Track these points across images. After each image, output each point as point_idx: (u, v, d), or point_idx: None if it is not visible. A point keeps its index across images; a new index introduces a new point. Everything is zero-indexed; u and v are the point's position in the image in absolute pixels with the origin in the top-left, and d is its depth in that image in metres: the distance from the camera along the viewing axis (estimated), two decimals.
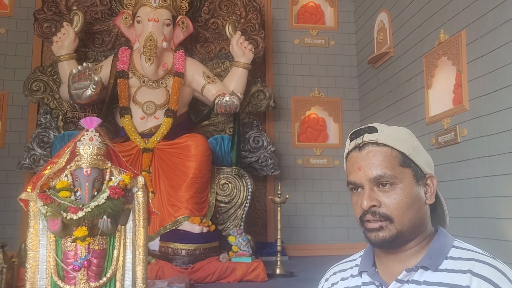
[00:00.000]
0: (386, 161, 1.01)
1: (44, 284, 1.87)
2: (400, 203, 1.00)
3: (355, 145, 1.06)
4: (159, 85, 4.40)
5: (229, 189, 4.24)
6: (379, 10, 5.08)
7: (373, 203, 1.00)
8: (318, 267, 4.31)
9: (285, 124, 5.50)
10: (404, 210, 0.99)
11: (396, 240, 1.00)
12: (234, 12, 5.02)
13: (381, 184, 1.01)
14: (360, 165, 1.03)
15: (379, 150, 1.02)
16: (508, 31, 3.07)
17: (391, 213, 0.99)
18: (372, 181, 1.01)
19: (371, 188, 1.01)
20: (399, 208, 0.99)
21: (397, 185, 1.00)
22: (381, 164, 1.01)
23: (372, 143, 1.03)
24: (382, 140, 1.03)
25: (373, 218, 1.00)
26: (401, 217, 0.99)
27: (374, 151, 1.02)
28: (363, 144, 1.04)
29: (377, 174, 1.01)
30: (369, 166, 1.01)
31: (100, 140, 1.91)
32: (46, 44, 5.03)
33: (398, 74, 4.64)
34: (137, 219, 1.97)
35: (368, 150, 1.03)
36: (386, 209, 1.00)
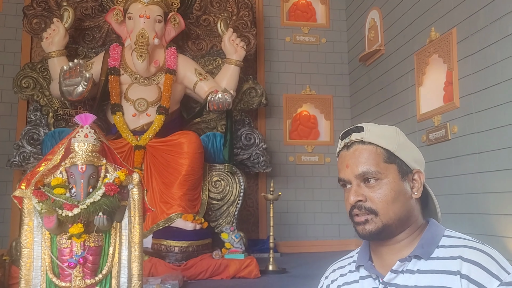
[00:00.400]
0: (370, 158, 1.07)
1: (39, 282, 1.86)
2: (385, 197, 1.05)
3: (344, 144, 1.13)
4: (150, 82, 4.39)
5: (221, 186, 4.24)
6: (370, 8, 5.11)
7: (359, 198, 1.06)
8: (310, 263, 4.34)
9: (277, 121, 5.51)
10: (388, 204, 1.05)
11: (382, 232, 1.05)
12: (225, 9, 5.01)
13: (367, 180, 1.06)
14: (348, 162, 1.09)
15: (364, 148, 1.08)
16: (498, 29, 3.11)
17: (376, 207, 1.05)
18: (358, 177, 1.07)
19: (358, 184, 1.07)
20: (384, 202, 1.05)
21: (382, 180, 1.06)
22: (366, 161, 1.07)
23: (359, 142, 1.09)
24: (367, 138, 1.09)
25: (360, 212, 1.06)
26: (385, 210, 1.04)
27: (360, 149, 1.09)
28: (351, 143, 1.10)
29: (362, 170, 1.06)
30: (355, 164, 1.07)
31: (95, 137, 1.91)
32: (35, 41, 4.97)
33: (389, 72, 4.67)
34: (133, 216, 1.97)
35: (354, 149, 1.09)
36: (372, 204, 1.05)
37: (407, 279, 1.03)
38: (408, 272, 1.03)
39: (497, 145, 3.09)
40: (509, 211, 2.96)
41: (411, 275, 1.03)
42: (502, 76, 3.06)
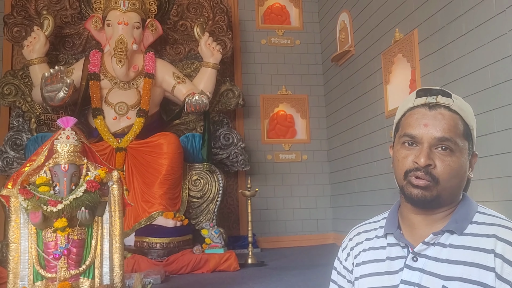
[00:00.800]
0: (454, 127, 1.04)
1: (27, 274, 2.01)
2: (452, 170, 1.03)
3: (424, 102, 1.07)
4: (130, 86, 4.53)
5: (201, 185, 4.41)
6: (340, 11, 5.33)
7: (430, 162, 1.02)
8: (288, 256, 4.53)
9: (255, 121, 5.69)
10: (451, 177, 1.03)
11: (433, 201, 1.04)
12: (202, 14, 5.18)
13: (441, 147, 1.03)
14: (428, 122, 1.04)
15: (450, 115, 1.05)
16: (454, 29, 3.34)
17: (440, 177, 1.02)
18: (435, 141, 1.03)
19: (430, 148, 1.03)
20: (448, 174, 1.03)
21: (455, 152, 1.03)
22: (450, 129, 1.03)
23: (445, 107, 1.06)
24: (455, 107, 1.06)
25: (424, 176, 1.03)
26: (446, 182, 1.03)
27: (445, 115, 1.05)
28: (435, 104, 1.06)
29: (443, 136, 1.03)
30: (438, 127, 1.03)
31: (76, 138, 2.07)
32: (16, 48, 5.07)
33: (359, 71, 4.89)
34: (113, 211, 2.13)
35: (439, 111, 1.05)
36: (437, 172, 1.02)
37: (438, 252, 1.03)
38: (440, 245, 1.03)
39: None
40: None
41: (443, 248, 1.02)
42: (459, 73, 3.29)
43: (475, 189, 3.09)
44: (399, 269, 1.07)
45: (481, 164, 3.04)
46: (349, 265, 1.19)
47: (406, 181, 1.06)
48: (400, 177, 1.08)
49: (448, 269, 1.00)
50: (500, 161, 2.89)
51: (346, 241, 1.24)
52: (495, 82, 2.93)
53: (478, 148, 3.06)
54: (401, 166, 1.07)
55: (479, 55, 3.07)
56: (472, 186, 3.18)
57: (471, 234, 1.02)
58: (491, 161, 2.95)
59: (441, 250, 1.02)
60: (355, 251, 1.19)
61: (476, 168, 3.18)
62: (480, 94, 3.06)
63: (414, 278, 1.03)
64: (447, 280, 0.99)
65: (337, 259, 1.25)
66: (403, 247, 1.09)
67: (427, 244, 1.04)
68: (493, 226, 1.02)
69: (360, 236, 1.21)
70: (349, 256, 1.20)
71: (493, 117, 2.94)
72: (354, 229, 1.25)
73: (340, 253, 1.25)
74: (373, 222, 1.22)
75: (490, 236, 1.00)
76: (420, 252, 1.04)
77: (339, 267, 1.23)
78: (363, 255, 1.16)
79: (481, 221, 1.04)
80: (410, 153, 1.06)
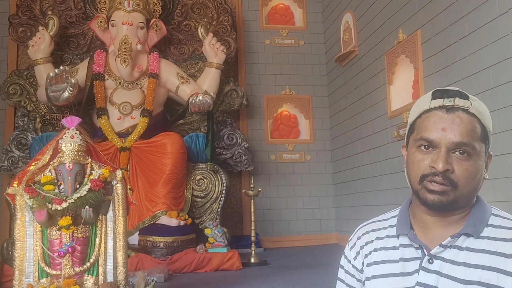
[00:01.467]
0: (472, 131, 1.01)
1: (32, 271, 2.04)
2: (470, 174, 1.01)
3: (441, 105, 1.04)
4: (134, 86, 4.56)
5: (204, 184, 4.43)
6: (344, 11, 5.34)
7: (449, 167, 1.00)
8: (291, 256, 4.55)
9: (258, 121, 5.71)
10: (469, 181, 1.01)
11: (451, 205, 1.02)
12: (206, 15, 5.21)
13: (459, 152, 1.01)
14: (446, 126, 1.01)
15: (468, 118, 1.02)
16: (457, 30, 3.34)
17: (458, 181, 1.00)
18: (453, 146, 1.01)
19: (447, 152, 1.01)
20: (467, 178, 1.01)
21: (472, 156, 1.01)
22: (468, 133, 1.00)
23: (463, 110, 1.02)
24: (473, 109, 1.03)
25: (443, 181, 1.00)
26: (464, 186, 1.01)
27: (463, 118, 1.01)
28: (452, 107, 1.03)
29: (461, 141, 1.00)
30: (455, 131, 1.00)
31: (81, 138, 2.10)
32: (21, 48, 5.11)
33: (362, 72, 4.90)
34: (117, 209, 2.16)
35: (457, 115, 1.02)
36: (455, 176, 1.00)
37: (455, 254, 1.01)
38: (456, 248, 1.02)
39: None
40: None
41: (459, 251, 1.01)
42: (461, 73, 3.30)
43: None
44: (414, 271, 1.05)
45: None
46: (359, 264, 1.17)
47: (421, 186, 1.04)
48: (415, 181, 1.06)
49: (466, 273, 0.99)
50: (502, 162, 2.89)
51: (354, 239, 1.21)
52: (497, 83, 2.94)
53: None
54: (416, 170, 1.05)
55: (481, 56, 3.08)
56: None
57: (488, 237, 1.01)
58: (493, 161, 2.94)
59: (458, 253, 1.01)
60: (365, 250, 1.16)
61: None
62: (483, 95, 3.06)
63: (431, 281, 1.02)
64: (466, 284, 0.98)
65: (345, 257, 1.22)
66: (417, 248, 1.07)
67: (443, 246, 1.03)
68: (510, 230, 1.01)
69: (369, 235, 1.18)
70: (358, 255, 1.17)
71: (495, 118, 2.94)
72: (362, 227, 1.22)
73: (347, 251, 1.21)
74: (382, 221, 1.19)
75: (508, 240, 0.99)
76: (436, 255, 1.03)
77: (347, 266, 1.20)
78: (375, 255, 1.13)
79: (497, 224, 1.03)
80: (427, 157, 1.03)
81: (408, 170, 1.10)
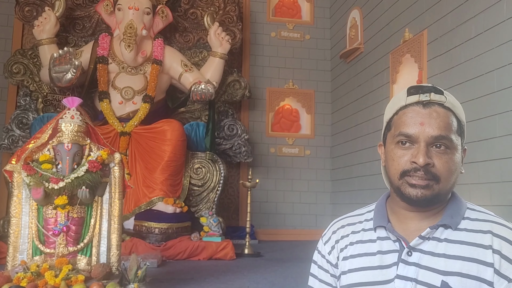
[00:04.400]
0: (449, 124, 1.03)
1: (26, 248, 2.06)
2: (450, 167, 1.03)
3: (417, 100, 1.06)
4: (137, 72, 4.56)
5: (202, 173, 4.44)
6: (352, 7, 5.32)
7: (429, 161, 1.01)
8: (285, 249, 4.57)
9: (260, 113, 5.71)
10: (450, 174, 1.03)
11: (433, 199, 1.03)
12: (213, 4, 5.19)
13: (437, 145, 1.02)
14: (424, 121, 1.03)
15: (444, 112, 1.04)
16: (463, 32, 3.33)
17: (441, 175, 1.02)
18: (431, 140, 1.02)
19: (427, 147, 1.02)
20: (448, 171, 1.02)
21: (450, 150, 1.03)
22: (445, 126, 1.03)
23: (439, 104, 1.05)
24: (448, 104, 1.05)
25: (425, 176, 1.01)
26: (446, 179, 1.02)
27: (440, 112, 1.04)
28: (429, 102, 1.05)
29: (440, 134, 1.02)
30: (433, 125, 1.02)
31: (81, 118, 2.10)
32: (26, 28, 5.11)
33: (367, 69, 4.89)
34: (113, 192, 2.16)
35: (433, 109, 1.04)
36: (437, 170, 1.02)
37: (433, 246, 1.02)
38: (435, 239, 1.03)
39: None
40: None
41: (438, 243, 1.03)
42: (465, 76, 3.29)
43: (473, 193, 3.11)
44: (393, 264, 1.05)
45: (480, 168, 3.05)
46: (333, 259, 1.16)
47: (403, 181, 1.04)
48: (395, 177, 1.06)
49: (447, 264, 1.00)
50: (501, 166, 2.90)
51: (329, 233, 1.20)
52: (500, 87, 2.94)
53: (478, 151, 3.06)
54: (396, 166, 1.06)
55: (486, 59, 3.07)
56: (470, 190, 3.17)
57: (465, 229, 1.03)
58: (491, 165, 2.96)
59: (437, 245, 1.02)
60: (341, 244, 1.15)
61: (476, 171, 3.17)
62: (485, 98, 3.06)
63: (410, 273, 1.02)
64: (446, 275, 0.99)
65: (318, 252, 1.21)
66: (395, 241, 1.07)
67: (422, 238, 1.03)
68: (487, 222, 1.03)
69: (345, 229, 1.17)
70: (333, 249, 1.16)
71: (496, 121, 2.95)
72: (337, 222, 1.21)
73: (321, 246, 1.20)
74: (357, 215, 1.19)
75: (485, 232, 1.01)
76: (415, 247, 1.04)
77: (321, 261, 1.19)
78: (351, 248, 1.13)
79: (473, 217, 1.05)
80: (406, 153, 1.04)
81: (387, 167, 1.11)
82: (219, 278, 2.96)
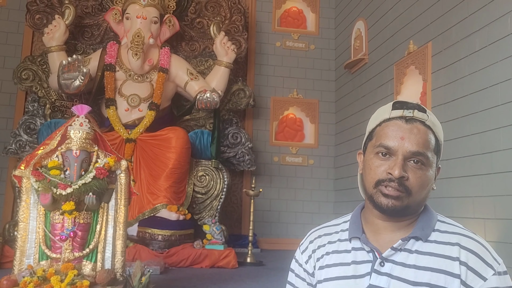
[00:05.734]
0: (427, 142, 1.07)
1: (33, 252, 2.09)
2: (423, 182, 1.07)
3: (401, 115, 1.10)
4: (144, 79, 4.61)
5: (206, 181, 4.47)
6: (357, 18, 5.36)
7: (404, 174, 1.06)
8: (287, 259, 4.51)
9: (264, 122, 5.75)
10: (422, 189, 1.07)
11: (403, 211, 1.07)
12: (219, 13, 5.25)
13: (414, 160, 1.06)
14: (404, 135, 1.07)
15: (424, 130, 1.08)
16: (468, 45, 3.36)
17: (412, 188, 1.06)
18: (409, 154, 1.06)
19: (404, 160, 1.06)
20: (420, 186, 1.06)
21: (425, 166, 1.07)
22: (424, 144, 1.07)
23: (421, 121, 1.09)
24: (429, 122, 1.10)
25: (398, 187, 1.05)
26: (418, 194, 1.07)
27: (420, 129, 1.08)
28: (411, 118, 1.09)
29: (417, 150, 1.06)
30: (413, 141, 1.06)
31: (89, 126, 2.14)
32: (36, 35, 5.18)
33: (371, 80, 4.92)
34: (119, 198, 2.20)
35: (415, 126, 1.08)
36: (410, 184, 1.05)
37: (405, 257, 1.06)
38: (406, 251, 1.07)
39: (462, 153, 3.34)
40: (470, 215, 3.21)
41: (409, 254, 1.06)
42: (469, 89, 3.31)
43: (477, 205, 3.12)
44: (366, 274, 1.08)
45: (484, 181, 3.07)
46: (310, 268, 1.19)
47: (376, 190, 1.09)
48: (370, 185, 1.11)
49: (416, 275, 1.03)
50: (504, 179, 2.91)
51: (306, 243, 1.23)
52: (504, 100, 2.96)
53: (482, 164, 3.07)
54: (373, 175, 1.10)
55: (490, 73, 3.10)
56: (474, 202, 3.17)
57: (435, 241, 1.07)
58: (495, 178, 2.98)
59: (408, 256, 1.06)
60: (317, 254, 1.18)
61: (479, 184, 3.18)
62: (489, 112, 3.08)
63: (382, 283, 1.06)
64: (416, 285, 1.03)
65: (295, 261, 1.24)
66: (368, 251, 1.11)
67: (394, 249, 1.07)
68: (455, 234, 1.07)
69: (321, 239, 1.20)
70: (310, 259, 1.19)
71: (500, 135, 2.97)
72: (314, 232, 1.25)
73: (299, 255, 1.23)
74: (334, 225, 1.23)
75: (453, 244, 1.05)
76: (387, 257, 1.07)
77: (298, 270, 1.22)
78: (327, 258, 1.16)
79: (443, 229, 1.09)
80: (384, 163, 1.08)
81: (364, 176, 1.15)
82: (221, 286, 2.97)
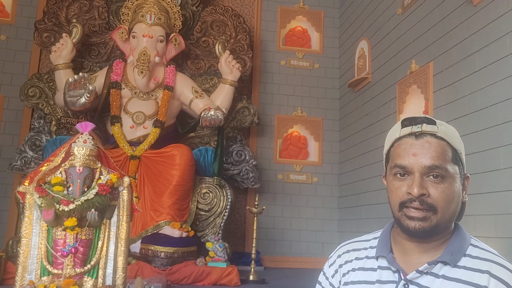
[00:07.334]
0: (442, 154, 1.04)
1: (35, 268, 2.11)
2: (447, 196, 1.03)
3: (410, 132, 1.09)
4: (149, 97, 4.67)
5: (209, 198, 4.48)
6: (360, 38, 5.42)
7: (424, 191, 1.03)
8: (290, 277, 4.55)
9: (268, 140, 5.78)
10: (448, 203, 1.03)
11: (432, 231, 1.04)
12: (224, 33, 5.33)
13: (432, 175, 1.04)
14: (416, 152, 1.05)
15: (437, 142, 1.05)
16: (468, 65, 3.40)
17: (437, 205, 1.02)
18: (425, 170, 1.04)
19: (421, 177, 1.04)
20: (445, 200, 1.03)
21: (447, 179, 1.04)
22: (438, 156, 1.04)
23: (431, 134, 1.07)
24: (440, 133, 1.07)
25: (420, 206, 1.02)
26: (444, 209, 1.03)
27: (432, 142, 1.05)
28: (421, 133, 1.07)
29: (433, 164, 1.03)
30: (425, 155, 1.04)
31: (93, 143, 2.18)
32: (44, 53, 5.28)
33: (374, 99, 4.96)
34: (121, 215, 2.22)
35: (425, 140, 1.06)
36: (433, 200, 1.02)
37: (430, 281, 1.02)
38: (432, 275, 1.03)
39: None
40: (471, 233, 3.19)
41: (435, 278, 1.02)
42: (470, 108, 3.34)
43: (478, 224, 3.11)
44: None
45: (485, 200, 3.07)
46: (336, 282, 1.19)
47: (402, 213, 1.06)
48: (395, 208, 1.09)
49: None
50: (505, 198, 2.91)
51: (334, 257, 1.23)
52: (504, 119, 2.97)
53: (483, 183, 3.08)
54: (395, 198, 1.09)
55: (490, 92, 3.12)
56: (475, 221, 3.18)
57: (464, 267, 1.02)
58: (495, 197, 2.98)
59: (434, 280, 1.02)
60: (344, 269, 1.18)
61: (480, 204, 3.19)
62: (489, 131, 3.10)
63: None
64: None
65: (323, 274, 1.25)
66: (394, 271, 1.08)
67: (420, 272, 1.04)
68: (487, 261, 1.02)
69: (349, 254, 1.20)
70: (336, 273, 1.19)
71: (500, 154, 2.98)
72: (343, 246, 1.25)
73: (326, 268, 1.24)
74: (364, 241, 1.22)
75: (483, 271, 1.00)
76: (412, 280, 1.04)
77: (325, 283, 1.23)
78: (352, 274, 1.15)
79: (474, 254, 1.05)
80: (403, 184, 1.07)
81: (388, 199, 1.15)
82: None
